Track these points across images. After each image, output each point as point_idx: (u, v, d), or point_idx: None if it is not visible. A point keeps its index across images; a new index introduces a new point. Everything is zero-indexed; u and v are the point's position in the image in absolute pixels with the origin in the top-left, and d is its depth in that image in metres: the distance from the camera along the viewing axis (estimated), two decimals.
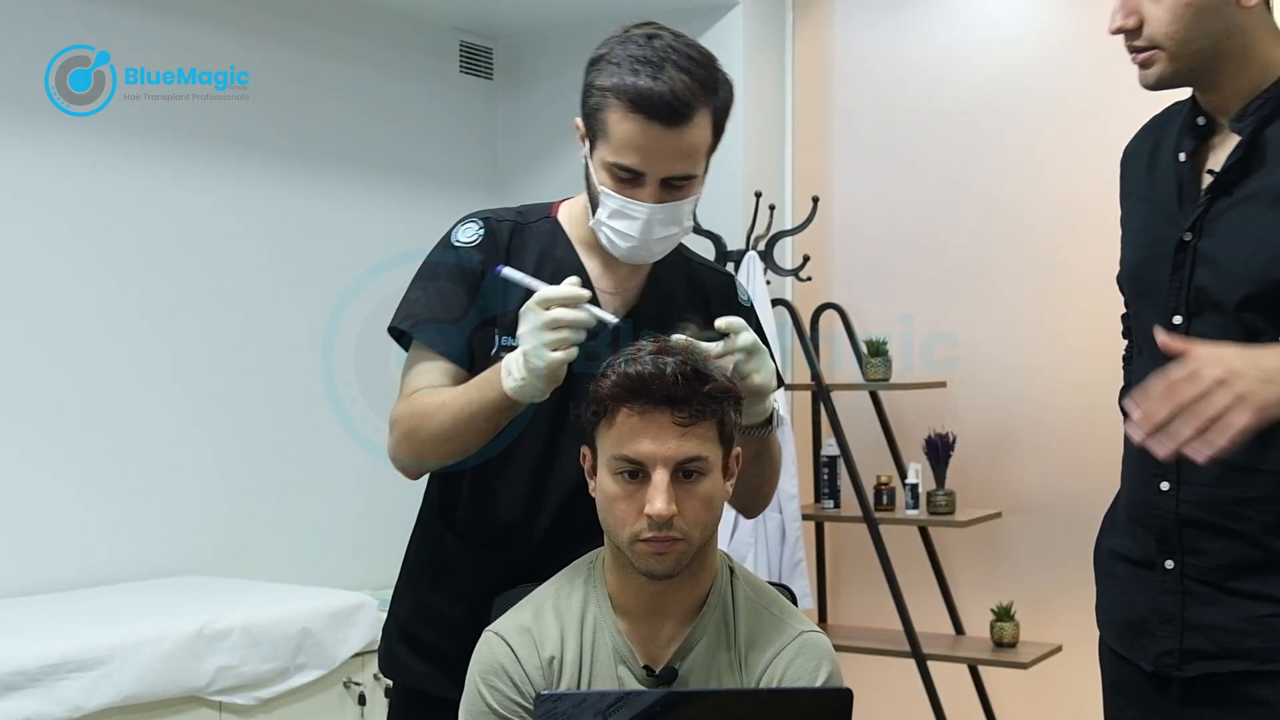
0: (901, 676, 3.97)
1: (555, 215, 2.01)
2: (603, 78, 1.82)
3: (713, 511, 1.67)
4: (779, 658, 1.70)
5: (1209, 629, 1.75)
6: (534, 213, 2.01)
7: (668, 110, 1.79)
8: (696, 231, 4.21)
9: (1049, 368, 4.15)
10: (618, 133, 1.81)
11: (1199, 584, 1.76)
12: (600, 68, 1.84)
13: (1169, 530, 1.78)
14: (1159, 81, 1.82)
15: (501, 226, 1.97)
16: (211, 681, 3.16)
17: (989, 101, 4.28)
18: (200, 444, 3.93)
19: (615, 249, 1.90)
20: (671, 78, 1.79)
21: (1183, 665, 1.77)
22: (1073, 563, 4.20)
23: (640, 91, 1.78)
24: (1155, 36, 1.78)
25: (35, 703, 2.85)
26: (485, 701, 1.68)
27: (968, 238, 4.30)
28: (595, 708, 1.45)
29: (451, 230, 1.98)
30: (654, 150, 1.82)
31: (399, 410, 1.90)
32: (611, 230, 1.88)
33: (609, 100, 1.81)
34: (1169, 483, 1.78)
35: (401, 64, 4.50)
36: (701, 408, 1.62)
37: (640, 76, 1.79)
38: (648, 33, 1.85)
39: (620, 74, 1.80)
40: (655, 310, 1.96)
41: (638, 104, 1.79)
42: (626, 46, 1.83)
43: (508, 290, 1.88)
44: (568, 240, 1.98)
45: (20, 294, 3.53)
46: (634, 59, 1.81)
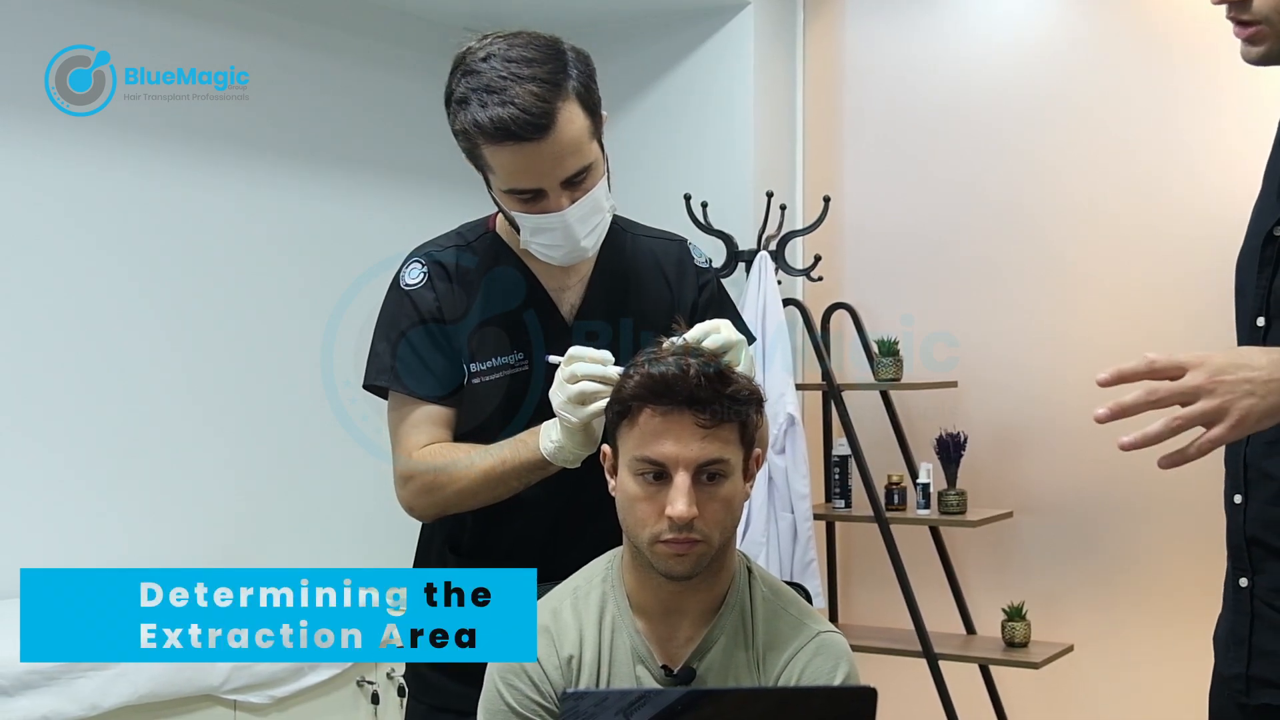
0: (913, 676, 3.97)
1: (494, 229, 2.02)
2: (459, 121, 1.82)
3: (733, 513, 1.67)
4: (797, 658, 1.70)
5: (1273, 656, 1.66)
6: (473, 230, 2.03)
7: (529, 128, 1.78)
8: (708, 232, 4.22)
9: (1060, 367, 4.15)
10: (497, 163, 1.83)
11: (1266, 606, 1.67)
12: (453, 111, 1.84)
13: (1240, 547, 1.70)
14: (1264, 58, 1.69)
15: (445, 255, 1.99)
16: (226, 680, 3.17)
17: (1000, 101, 4.28)
18: (212, 441, 3.94)
19: (552, 259, 1.93)
20: (518, 95, 1.78)
21: (1250, 692, 1.69)
22: (1084, 562, 4.22)
23: (495, 122, 1.78)
24: (1265, 12, 1.65)
25: (52, 701, 2.86)
26: (504, 700, 1.68)
27: (979, 237, 4.30)
28: (617, 706, 1.46)
29: (398, 274, 2.00)
30: (538, 166, 1.82)
31: (412, 465, 1.93)
32: (539, 245, 1.91)
33: (475, 140, 1.82)
34: (1240, 496, 1.69)
35: (409, 63, 4.51)
36: (725, 410, 1.62)
37: (489, 108, 1.78)
38: (481, 57, 1.83)
39: (471, 111, 1.80)
40: (609, 296, 2.01)
41: (500, 134, 1.79)
42: (467, 80, 1.82)
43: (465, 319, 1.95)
44: (509, 251, 2.00)
45: (20, 294, 3.52)
46: (478, 91, 1.80)
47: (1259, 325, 1.67)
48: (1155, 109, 3.98)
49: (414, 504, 1.96)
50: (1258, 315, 1.67)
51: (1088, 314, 4.11)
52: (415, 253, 2.02)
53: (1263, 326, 1.66)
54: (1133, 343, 3.99)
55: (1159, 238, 3.95)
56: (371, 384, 2.00)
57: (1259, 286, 1.67)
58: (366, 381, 2.00)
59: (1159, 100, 3.89)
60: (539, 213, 1.86)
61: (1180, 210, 3.94)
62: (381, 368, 1.98)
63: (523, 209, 1.86)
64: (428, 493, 1.93)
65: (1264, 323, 1.66)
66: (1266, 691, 1.67)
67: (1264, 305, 1.66)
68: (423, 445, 1.94)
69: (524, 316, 1.98)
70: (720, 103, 4.44)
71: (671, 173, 4.45)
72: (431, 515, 1.98)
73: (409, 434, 1.96)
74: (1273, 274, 1.65)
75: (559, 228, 1.87)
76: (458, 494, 1.91)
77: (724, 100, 4.44)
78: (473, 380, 1.96)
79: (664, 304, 2.04)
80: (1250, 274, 1.69)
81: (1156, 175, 3.99)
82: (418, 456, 1.93)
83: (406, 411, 1.97)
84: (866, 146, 4.51)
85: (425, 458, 1.92)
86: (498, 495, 1.90)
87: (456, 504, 1.92)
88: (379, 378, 1.98)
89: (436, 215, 4.52)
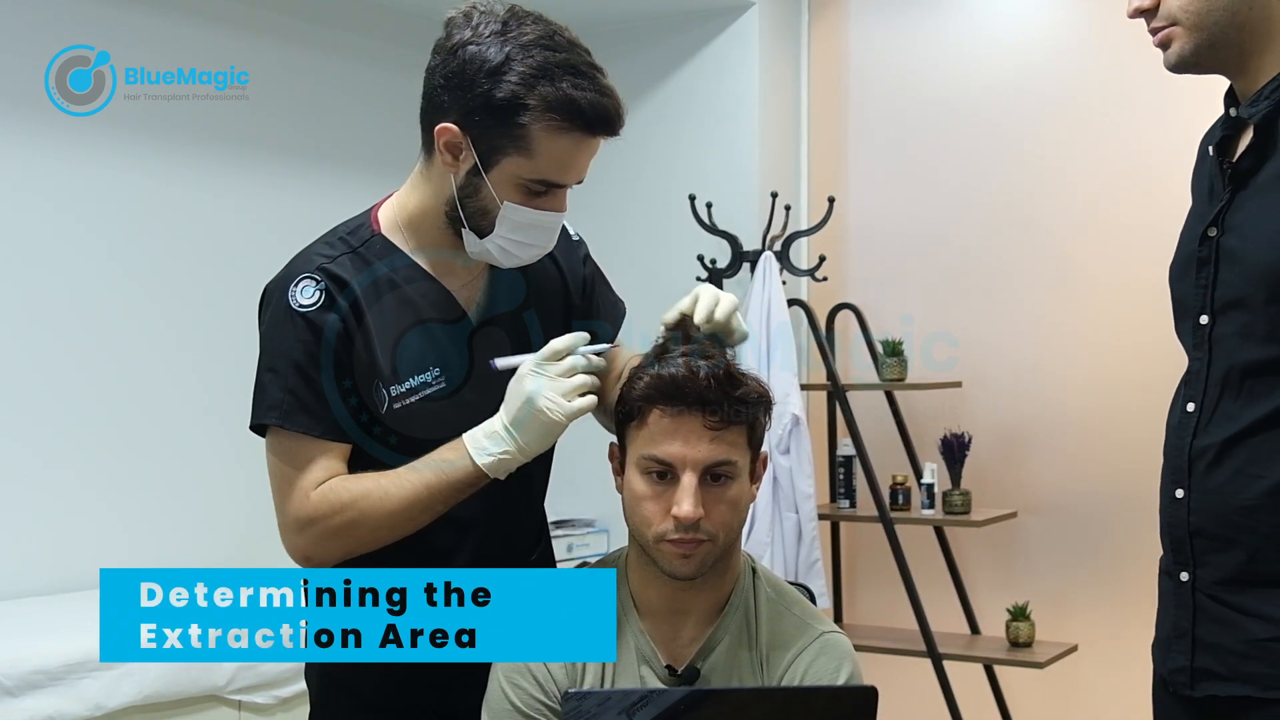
0: (917, 676, 3.97)
1: (380, 230, 1.80)
2: (524, 90, 1.64)
3: (739, 515, 1.67)
4: (800, 658, 1.70)
5: (1216, 648, 1.69)
6: (359, 234, 1.79)
7: (608, 125, 1.68)
8: (712, 232, 4.22)
9: (1064, 368, 4.15)
10: (545, 148, 1.67)
11: (1208, 599, 1.70)
12: (505, 75, 1.64)
13: (1182, 540, 1.73)
14: (1180, 61, 1.72)
15: (338, 266, 1.75)
16: (231, 680, 3.17)
17: (1004, 101, 4.28)
18: (218, 442, 3.94)
19: (509, 259, 1.76)
20: (608, 89, 1.67)
21: (1194, 684, 1.71)
22: (1088, 562, 4.22)
23: (592, 107, 1.65)
24: (1171, 12, 1.70)
25: (57, 701, 2.86)
26: (509, 699, 1.68)
27: (984, 238, 4.30)
28: (620, 705, 1.46)
29: (285, 292, 1.73)
30: (580, 162, 1.71)
31: (311, 508, 1.70)
32: (510, 243, 1.73)
33: (542, 117, 1.64)
34: (1182, 490, 1.72)
35: (415, 63, 4.49)
36: (733, 412, 1.63)
37: (583, 91, 1.65)
38: (548, 32, 1.68)
39: (559, 86, 1.64)
40: (510, 288, 1.85)
41: (580, 120, 1.65)
42: (532, 51, 1.65)
43: (368, 341, 1.73)
44: (402, 254, 1.78)
45: (20, 294, 3.53)
46: (563, 68, 1.65)
47: (1203, 324, 1.71)
48: (1161, 109, 3.97)
49: (313, 552, 1.72)
50: (1201, 314, 1.72)
51: (1093, 315, 4.11)
52: (299, 265, 1.76)
53: (1206, 325, 1.71)
54: (1137, 343, 3.99)
55: (1164, 238, 3.90)
56: (259, 423, 1.75)
57: (1199, 287, 1.72)
58: (255, 421, 1.75)
59: (1164, 101, 3.87)
60: (540, 209, 1.72)
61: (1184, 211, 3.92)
62: (272, 403, 1.72)
63: (525, 202, 1.70)
64: (334, 536, 1.71)
65: (1207, 320, 1.71)
66: (1211, 683, 1.69)
67: (1206, 303, 1.71)
68: (319, 484, 1.72)
69: (433, 327, 1.79)
70: (725, 103, 4.44)
71: (676, 173, 4.45)
72: (336, 560, 1.72)
73: (308, 475, 1.71)
74: (1213, 273, 1.70)
75: (548, 227, 1.75)
76: (372, 531, 1.70)
77: (729, 101, 4.44)
78: (393, 405, 1.75)
79: (557, 285, 1.91)
80: (1188, 279, 1.74)
81: (1161, 176, 3.98)
82: (315, 497, 1.70)
83: (298, 451, 1.72)
84: (871, 147, 4.50)
85: (327, 497, 1.70)
86: (418, 524, 1.71)
87: (374, 540, 1.71)
88: (269, 415, 1.72)
89: None
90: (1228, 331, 1.68)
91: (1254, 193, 1.68)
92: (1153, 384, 4.02)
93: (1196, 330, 1.73)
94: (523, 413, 1.69)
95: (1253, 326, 1.65)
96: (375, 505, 1.70)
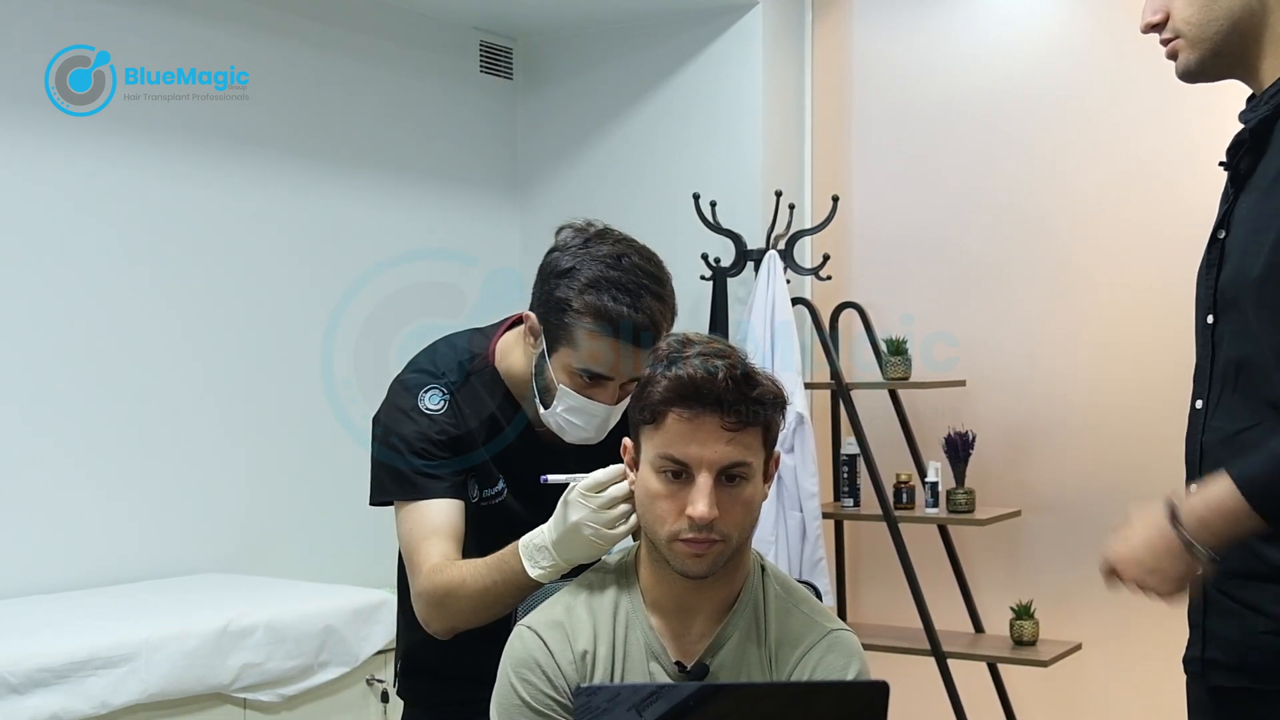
0: (921, 674, 3.97)
1: (494, 362, 2.10)
2: (574, 295, 1.91)
3: (752, 515, 1.68)
4: (809, 655, 1.71)
5: (1222, 640, 1.75)
6: (475, 362, 2.10)
7: (643, 338, 1.90)
8: (716, 231, 4.23)
9: (1068, 367, 4.15)
10: (588, 347, 1.93)
11: (1219, 592, 1.75)
12: (568, 280, 1.93)
13: None
14: (1186, 72, 1.80)
15: (459, 386, 2.06)
16: (236, 678, 3.17)
17: (1008, 101, 4.28)
18: (224, 442, 3.94)
19: (565, 435, 2.02)
20: (649, 308, 1.91)
21: (1206, 674, 1.77)
22: (1092, 561, 4.15)
23: (615, 319, 1.89)
24: (1177, 24, 1.77)
25: (62, 699, 2.86)
26: (518, 695, 1.68)
27: (987, 237, 4.30)
28: (631, 701, 1.46)
29: (416, 395, 2.05)
30: (622, 363, 1.93)
31: (423, 584, 1.96)
32: (565, 421, 2.00)
33: (582, 320, 1.91)
34: (1195, 485, 1.75)
35: (421, 63, 4.51)
36: (751, 413, 1.63)
37: (619, 303, 1.90)
38: (617, 252, 1.93)
39: (596, 296, 1.90)
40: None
41: (614, 329, 1.90)
42: (595, 264, 1.92)
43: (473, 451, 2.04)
44: (504, 391, 2.09)
45: (21, 295, 3.53)
46: (608, 282, 1.90)
47: (1209, 323, 1.77)
48: (1164, 110, 3.97)
49: (429, 621, 1.98)
50: (1207, 314, 1.78)
51: (1096, 314, 4.11)
52: (425, 374, 2.08)
53: (1212, 323, 1.76)
54: (1139, 342, 4.00)
55: (1166, 238, 3.95)
56: (382, 499, 2.07)
57: (1206, 287, 1.78)
58: (375, 499, 2.08)
59: (1168, 102, 3.88)
60: (590, 397, 1.96)
61: (1187, 211, 3.91)
62: (399, 480, 2.03)
63: (576, 387, 1.96)
64: (438, 614, 1.96)
65: (1213, 319, 1.76)
66: (1219, 673, 1.75)
67: (1213, 303, 1.76)
68: (434, 562, 1.97)
69: (510, 449, 2.09)
70: (729, 102, 4.45)
71: (680, 172, 4.45)
72: (445, 632, 1.98)
73: (427, 552, 1.98)
74: (1218, 273, 1.75)
75: (598, 416, 1.98)
76: (460, 614, 1.94)
77: (733, 100, 4.44)
78: (480, 505, 2.06)
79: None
80: (1201, 279, 1.81)
81: (1165, 176, 3.99)
82: (428, 571, 1.96)
83: (418, 519, 2.01)
84: (875, 146, 4.51)
85: (430, 581, 1.95)
86: (495, 614, 1.93)
87: (463, 623, 1.95)
88: (399, 491, 2.03)
89: (456, 215, 4.58)
90: (1227, 330, 1.73)
91: (1248, 192, 1.73)
92: (1155, 382, 4.05)
93: (1203, 329, 1.78)
94: (568, 536, 1.83)
95: (1245, 324, 1.69)
96: (455, 592, 1.92)
